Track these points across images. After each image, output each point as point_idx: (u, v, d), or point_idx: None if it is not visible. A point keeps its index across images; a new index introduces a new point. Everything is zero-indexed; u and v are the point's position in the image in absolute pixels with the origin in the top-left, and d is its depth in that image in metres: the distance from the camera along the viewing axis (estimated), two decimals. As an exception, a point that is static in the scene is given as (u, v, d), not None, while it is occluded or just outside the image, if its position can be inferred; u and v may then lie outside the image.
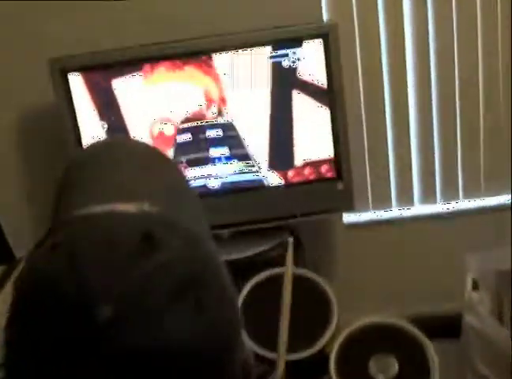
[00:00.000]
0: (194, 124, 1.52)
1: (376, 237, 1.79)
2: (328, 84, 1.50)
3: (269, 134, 1.53)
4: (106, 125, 1.51)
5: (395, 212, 1.79)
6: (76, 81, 1.46)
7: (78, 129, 1.49)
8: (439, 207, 1.80)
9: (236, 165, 1.55)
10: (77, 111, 1.48)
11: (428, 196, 1.79)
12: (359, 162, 1.72)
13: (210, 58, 1.46)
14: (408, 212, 1.79)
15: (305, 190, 1.58)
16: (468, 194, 1.79)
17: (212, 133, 1.52)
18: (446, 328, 1.69)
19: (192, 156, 1.55)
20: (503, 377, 1.07)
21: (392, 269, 1.81)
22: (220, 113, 1.51)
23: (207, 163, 1.55)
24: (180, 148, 1.54)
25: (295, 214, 1.58)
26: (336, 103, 1.50)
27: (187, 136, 1.53)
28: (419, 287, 1.79)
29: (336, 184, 1.56)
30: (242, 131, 1.53)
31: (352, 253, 1.80)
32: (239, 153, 1.54)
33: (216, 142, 1.53)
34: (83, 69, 1.45)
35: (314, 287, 1.23)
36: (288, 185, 1.57)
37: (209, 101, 1.50)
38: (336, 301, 1.07)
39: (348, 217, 1.76)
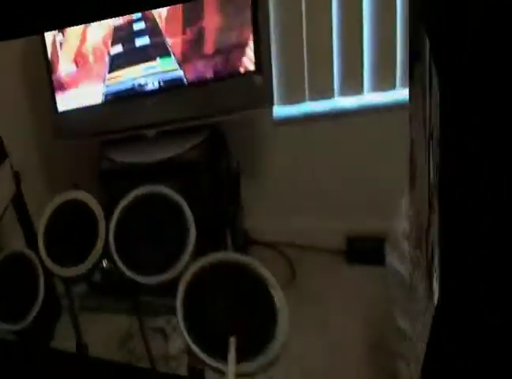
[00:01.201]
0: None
1: (310, 133, 1.58)
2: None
3: (181, 24, 1.37)
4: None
5: (334, 102, 1.56)
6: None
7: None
8: (396, 95, 1.55)
9: (159, 62, 1.47)
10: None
11: (383, 82, 1.55)
12: (297, 47, 1.50)
13: None
14: (352, 101, 1.56)
15: (224, 86, 1.43)
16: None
17: (137, 26, 1.47)
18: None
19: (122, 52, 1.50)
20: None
21: (325, 170, 1.59)
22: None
23: (133, 63, 1.50)
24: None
25: (214, 113, 1.44)
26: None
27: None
28: (354, 194, 1.56)
29: (253, 78, 1.38)
30: (162, 25, 1.44)
31: (282, 152, 1.63)
32: (161, 47, 1.45)
33: (141, 34, 1.47)
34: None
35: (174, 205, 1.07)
36: (206, 81, 1.43)
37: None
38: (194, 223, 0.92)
39: (279, 111, 1.57)
